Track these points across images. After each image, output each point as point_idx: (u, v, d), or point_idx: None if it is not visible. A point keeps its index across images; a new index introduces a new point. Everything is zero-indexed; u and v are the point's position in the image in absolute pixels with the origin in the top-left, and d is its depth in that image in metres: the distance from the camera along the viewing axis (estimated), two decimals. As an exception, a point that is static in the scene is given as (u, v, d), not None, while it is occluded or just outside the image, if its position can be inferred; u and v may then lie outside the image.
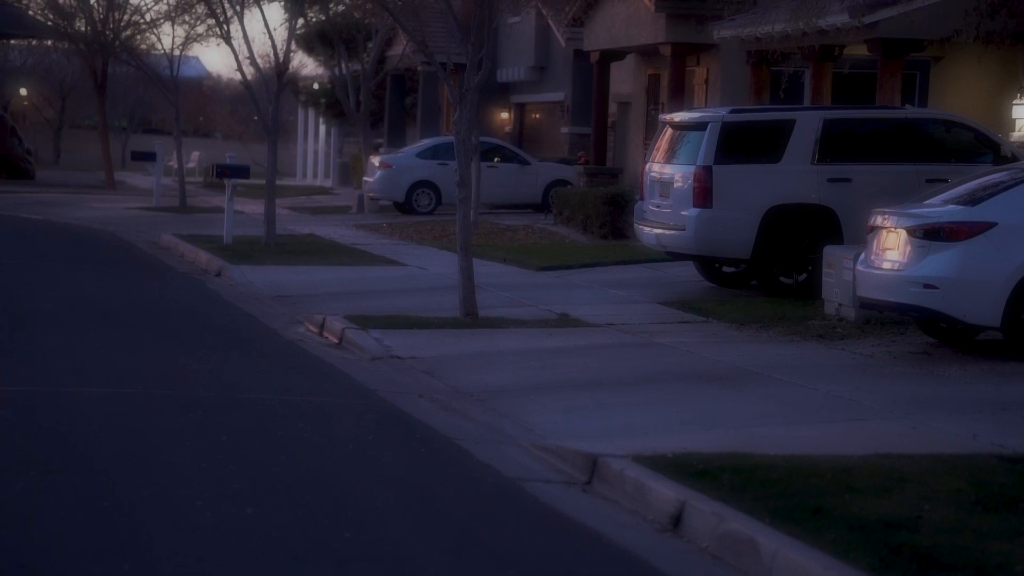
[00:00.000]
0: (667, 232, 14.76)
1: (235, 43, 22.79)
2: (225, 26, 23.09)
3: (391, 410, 9.20)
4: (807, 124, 14.43)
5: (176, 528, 6.22)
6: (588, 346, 11.67)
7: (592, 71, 25.95)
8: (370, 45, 30.53)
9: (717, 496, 6.57)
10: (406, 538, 6.23)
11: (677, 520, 6.54)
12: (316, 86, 43.91)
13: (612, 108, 28.13)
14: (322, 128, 45.64)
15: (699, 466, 7.11)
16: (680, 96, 22.33)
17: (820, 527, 6.04)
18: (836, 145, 14.48)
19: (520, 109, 36.11)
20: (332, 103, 39.33)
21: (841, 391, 9.43)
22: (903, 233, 10.77)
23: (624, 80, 27.18)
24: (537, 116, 35.72)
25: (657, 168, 15.09)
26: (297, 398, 9.48)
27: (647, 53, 24.59)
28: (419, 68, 34.70)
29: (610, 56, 25.20)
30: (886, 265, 10.95)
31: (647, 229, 15.24)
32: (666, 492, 6.74)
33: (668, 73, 22.66)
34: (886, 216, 11.07)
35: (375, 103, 36.99)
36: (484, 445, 8.17)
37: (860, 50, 17.91)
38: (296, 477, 7.22)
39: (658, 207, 14.98)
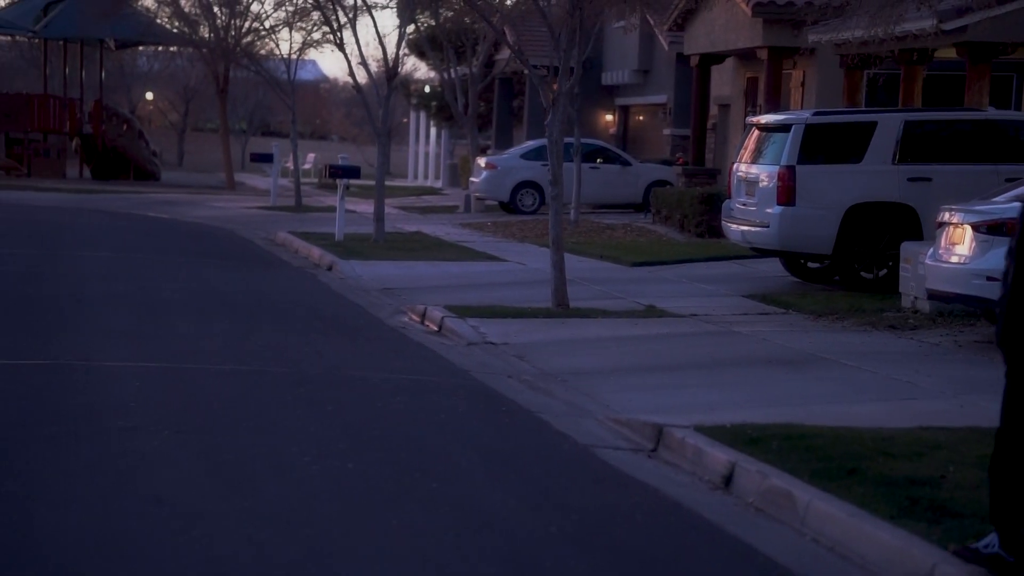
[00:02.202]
0: (752, 229, 15.45)
1: (348, 48, 23.95)
2: (339, 32, 24.28)
3: (481, 388, 10.08)
4: (889, 126, 15.02)
5: (286, 477, 7.16)
6: (670, 334, 12.44)
7: (692, 74, 26.62)
8: (478, 49, 31.52)
9: (765, 459, 7.33)
10: (485, 489, 7.10)
11: (728, 479, 7.31)
12: (427, 89, 45.14)
13: (713, 110, 28.74)
14: (433, 130, 46.85)
15: (753, 434, 7.87)
16: (776, 99, 22.89)
17: (852, 484, 6.77)
18: (917, 146, 15.04)
19: (624, 111, 36.83)
20: (442, 106, 40.47)
21: (900, 375, 10.08)
22: (968, 228, 11.36)
23: (724, 83, 27.79)
24: (641, 118, 36.42)
25: (744, 168, 15.79)
26: (396, 376, 10.41)
27: (745, 57, 25.18)
28: (526, 71, 35.62)
29: (710, 60, 25.82)
30: (953, 259, 11.55)
31: (733, 226, 15.95)
32: (719, 455, 7.52)
33: (764, 76, 23.25)
34: (953, 212, 11.66)
35: (483, 105, 38.05)
36: (563, 418, 9.00)
37: (951, 53, 18.35)
38: (392, 440, 8.13)
39: (744, 205, 15.68)
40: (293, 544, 5.98)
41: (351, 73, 23.83)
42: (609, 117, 37.28)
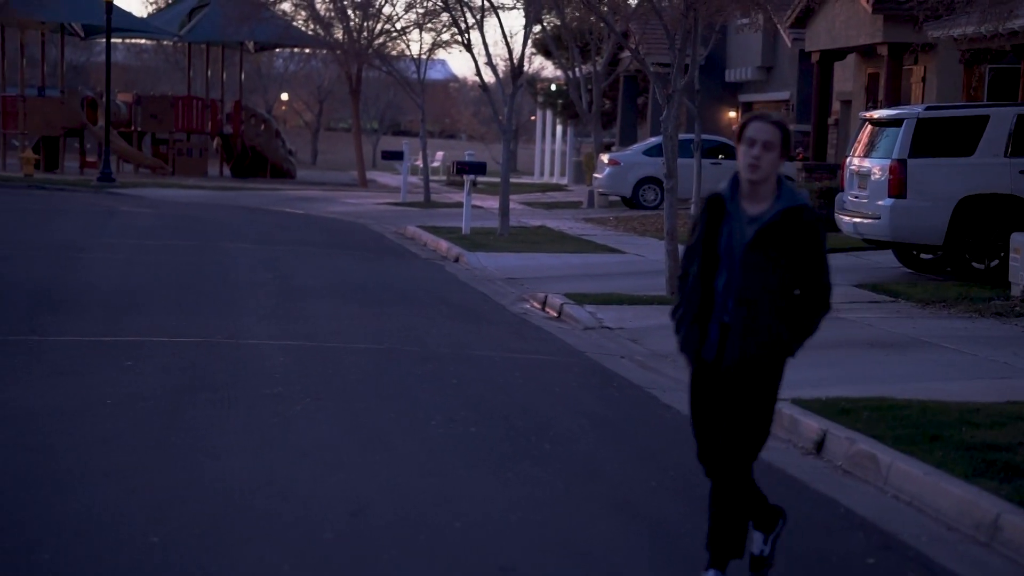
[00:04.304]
0: (864, 221, 15.88)
1: (475, 49, 24.80)
2: (467, 33, 25.15)
3: (595, 366, 10.78)
4: (1001, 120, 15.32)
5: (415, 438, 7.96)
6: (779, 320, 12.96)
7: (813, 71, 26.92)
8: (603, 48, 32.15)
9: (854, 427, 7.91)
10: (592, 450, 7.82)
11: (820, 445, 7.92)
12: (553, 88, 45.92)
13: (835, 106, 28.99)
14: (558, 128, 47.63)
15: (845, 406, 8.45)
16: (897, 95, 23.13)
17: (933, 449, 7.33)
18: (1030, 139, 15.32)
19: (747, 108, 37.13)
20: (567, 104, 41.19)
21: (998, 356, 10.52)
22: (1070, 218, 11.71)
23: (846, 79, 28.02)
24: (764, 115, 36.68)
25: (856, 161, 16.22)
26: (516, 355, 11.16)
27: (867, 53, 25.41)
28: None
29: (831, 56, 26.10)
30: (1056, 247, 11.90)
31: (846, 218, 16.38)
32: (812, 423, 8.12)
33: (884, 72, 23.49)
34: (1056, 202, 12.01)
35: (608, 103, 38.67)
36: (670, 393, 9.66)
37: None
38: (510, 409, 8.89)
39: (856, 198, 16.11)
40: (422, 489, 6.78)
41: (478, 73, 24.66)
42: (732, 114, 37.62)
